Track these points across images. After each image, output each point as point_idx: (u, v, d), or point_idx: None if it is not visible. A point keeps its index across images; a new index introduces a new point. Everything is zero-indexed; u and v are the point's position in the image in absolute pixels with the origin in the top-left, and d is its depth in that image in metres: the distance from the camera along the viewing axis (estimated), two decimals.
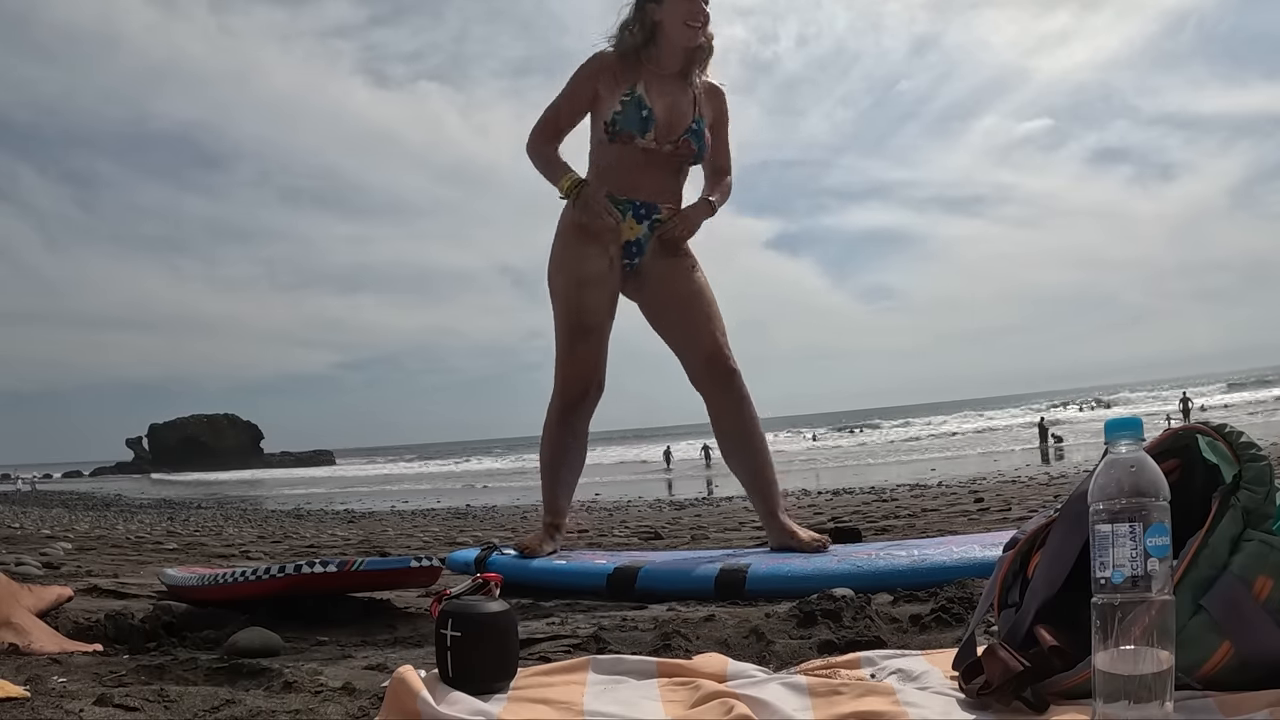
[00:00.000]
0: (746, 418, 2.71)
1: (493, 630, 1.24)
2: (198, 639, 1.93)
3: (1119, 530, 0.94)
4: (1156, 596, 0.92)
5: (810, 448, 37.57)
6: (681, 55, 2.70)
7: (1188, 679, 1.00)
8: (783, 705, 1.10)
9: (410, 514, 12.63)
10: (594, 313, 2.72)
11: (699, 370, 2.73)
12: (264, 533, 7.87)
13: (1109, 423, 1.00)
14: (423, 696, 1.10)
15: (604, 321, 2.75)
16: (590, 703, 1.15)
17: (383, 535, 6.93)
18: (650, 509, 10.03)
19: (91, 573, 3.45)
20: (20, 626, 1.72)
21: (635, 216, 2.72)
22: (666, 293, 2.76)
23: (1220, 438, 1.09)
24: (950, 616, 1.75)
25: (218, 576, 2.41)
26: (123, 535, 6.85)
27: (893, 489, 10.36)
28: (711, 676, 1.25)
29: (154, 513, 14.90)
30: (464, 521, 9.33)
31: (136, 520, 11.30)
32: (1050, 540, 1.20)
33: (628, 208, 2.71)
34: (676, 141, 2.67)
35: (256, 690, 1.40)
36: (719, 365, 2.70)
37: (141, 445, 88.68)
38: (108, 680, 1.43)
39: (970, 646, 1.18)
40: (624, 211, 2.71)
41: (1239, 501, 1.02)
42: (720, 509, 8.78)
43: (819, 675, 1.23)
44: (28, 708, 1.25)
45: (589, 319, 2.72)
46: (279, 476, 48.07)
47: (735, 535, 4.78)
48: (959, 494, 7.77)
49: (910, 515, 5.24)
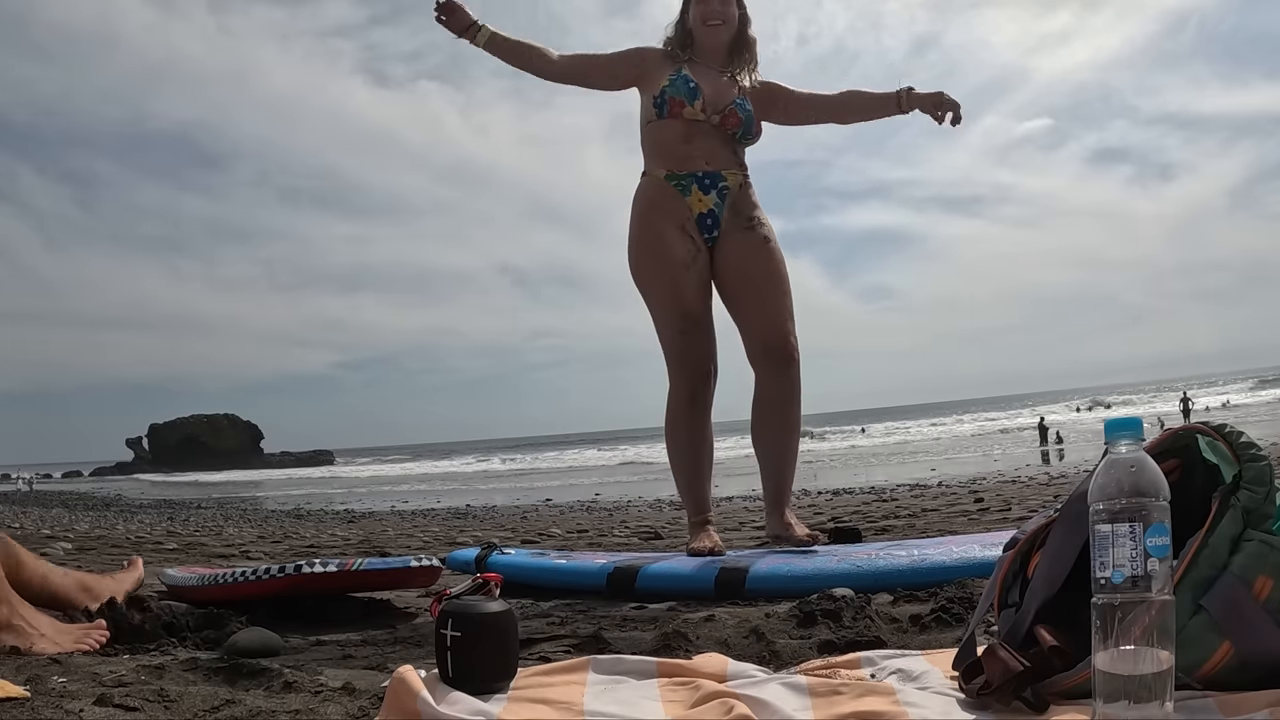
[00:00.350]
0: (793, 406, 2.71)
1: (493, 630, 1.24)
2: (198, 639, 1.93)
3: (1119, 530, 0.94)
4: (1156, 596, 0.92)
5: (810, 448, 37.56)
6: (721, 53, 2.81)
7: (1188, 679, 1.00)
8: (783, 705, 1.10)
9: (410, 514, 12.63)
10: (695, 298, 2.71)
11: (761, 351, 2.71)
12: (264, 533, 7.87)
13: (1109, 423, 1.00)
14: (423, 696, 1.10)
15: (707, 305, 2.74)
16: (590, 703, 1.15)
17: (383, 535, 6.93)
18: (650, 509, 10.03)
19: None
20: (21, 628, 1.72)
21: (701, 188, 2.71)
22: (745, 269, 2.74)
23: (1220, 438, 1.09)
24: (950, 616, 1.75)
25: (218, 576, 2.41)
26: (123, 535, 6.85)
27: (893, 489, 10.36)
28: (711, 676, 1.25)
29: (154, 513, 14.90)
30: (464, 521, 9.33)
31: (136, 520, 11.30)
32: (1050, 540, 1.20)
33: (690, 180, 2.70)
34: (724, 111, 2.70)
35: (256, 690, 1.40)
36: (783, 351, 2.69)
37: (141, 445, 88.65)
38: (108, 680, 1.43)
39: (970, 646, 1.18)
40: (688, 185, 2.70)
41: (1239, 501, 1.02)
42: (720, 509, 8.78)
43: (819, 675, 1.23)
44: (28, 708, 1.25)
45: (691, 306, 2.70)
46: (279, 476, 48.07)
47: (735, 535, 4.78)
48: (959, 494, 7.77)
49: (910, 515, 5.24)
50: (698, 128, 2.69)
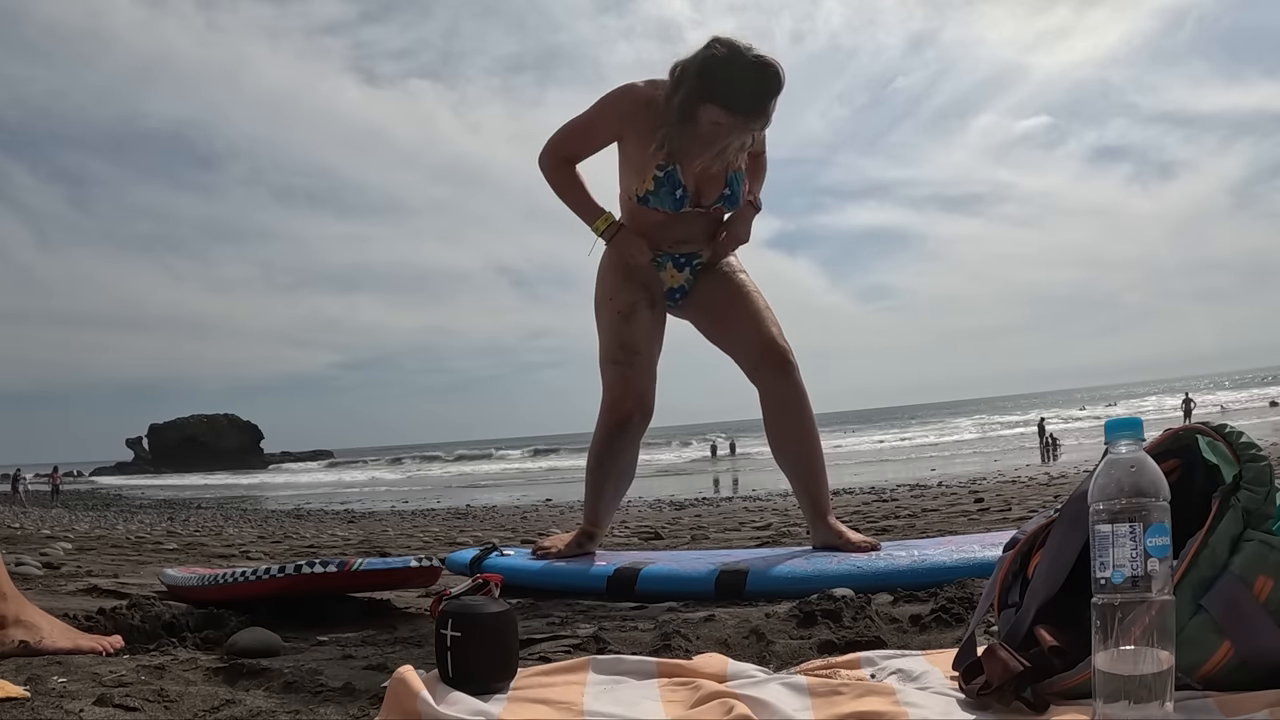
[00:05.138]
0: (804, 411, 2.68)
1: (493, 630, 1.24)
2: (198, 639, 1.93)
3: (1119, 530, 0.94)
4: (1156, 596, 0.92)
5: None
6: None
7: (1188, 679, 1.00)
8: (783, 705, 1.10)
9: (410, 514, 12.64)
10: (638, 339, 2.70)
11: (756, 362, 2.69)
12: (264, 533, 7.87)
13: (1109, 423, 1.00)
14: (423, 696, 1.10)
15: (648, 347, 2.73)
16: (590, 703, 1.15)
17: (383, 535, 6.93)
18: (650, 509, 10.03)
19: (91, 573, 3.45)
20: (30, 623, 1.72)
21: (676, 266, 2.72)
22: (713, 301, 2.74)
23: (1220, 438, 1.09)
24: (950, 616, 1.75)
25: (218, 576, 2.41)
26: (123, 535, 6.86)
27: (893, 489, 10.37)
28: (711, 676, 1.25)
29: (154, 513, 14.91)
30: (464, 521, 9.34)
31: (136, 520, 11.31)
32: (1050, 540, 1.20)
33: (666, 259, 2.71)
34: (709, 208, 2.66)
35: (256, 690, 1.40)
36: (777, 355, 2.67)
37: (141, 445, 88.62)
38: (108, 680, 1.43)
39: (970, 646, 1.19)
40: (663, 263, 2.71)
41: (1239, 501, 1.02)
42: (720, 509, 8.79)
43: (819, 675, 1.23)
44: (28, 708, 1.25)
45: (633, 344, 2.70)
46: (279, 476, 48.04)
47: (735, 535, 4.79)
48: (959, 494, 7.78)
49: (910, 515, 5.25)
50: (681, 217, 2.64)
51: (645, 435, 2.78)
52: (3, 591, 1.72)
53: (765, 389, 2.68)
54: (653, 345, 2.75)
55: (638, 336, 2.70)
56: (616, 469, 2.77)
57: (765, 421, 2.70)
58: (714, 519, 6.78)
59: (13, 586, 1.76)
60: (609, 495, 2.80)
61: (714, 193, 2.63)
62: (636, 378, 2.71)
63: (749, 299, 2.73)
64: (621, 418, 2.71)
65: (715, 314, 2.76)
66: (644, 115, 2.52)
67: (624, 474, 2.81)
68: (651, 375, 2.76)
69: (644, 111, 2.52)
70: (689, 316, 2.81)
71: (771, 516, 6.34)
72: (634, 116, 2.55)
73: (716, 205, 2.65)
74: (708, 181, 2.60)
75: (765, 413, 2.69)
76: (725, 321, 2.74)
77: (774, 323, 2.71)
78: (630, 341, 2.70)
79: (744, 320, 2.71)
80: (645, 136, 2.53)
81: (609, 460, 2.74)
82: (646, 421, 2.75)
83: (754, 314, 2.71)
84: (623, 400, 2.70)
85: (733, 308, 2.73)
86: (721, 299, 2.74)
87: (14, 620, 1.71)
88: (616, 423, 2.72)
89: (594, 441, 2.77)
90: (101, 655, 1.70)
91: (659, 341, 2.77)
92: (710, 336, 2.79)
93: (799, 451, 2.68)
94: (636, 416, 2.72)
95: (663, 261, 2.71)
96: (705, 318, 2.78)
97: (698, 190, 2.61)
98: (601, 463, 2.76)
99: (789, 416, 2.67)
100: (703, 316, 2.79)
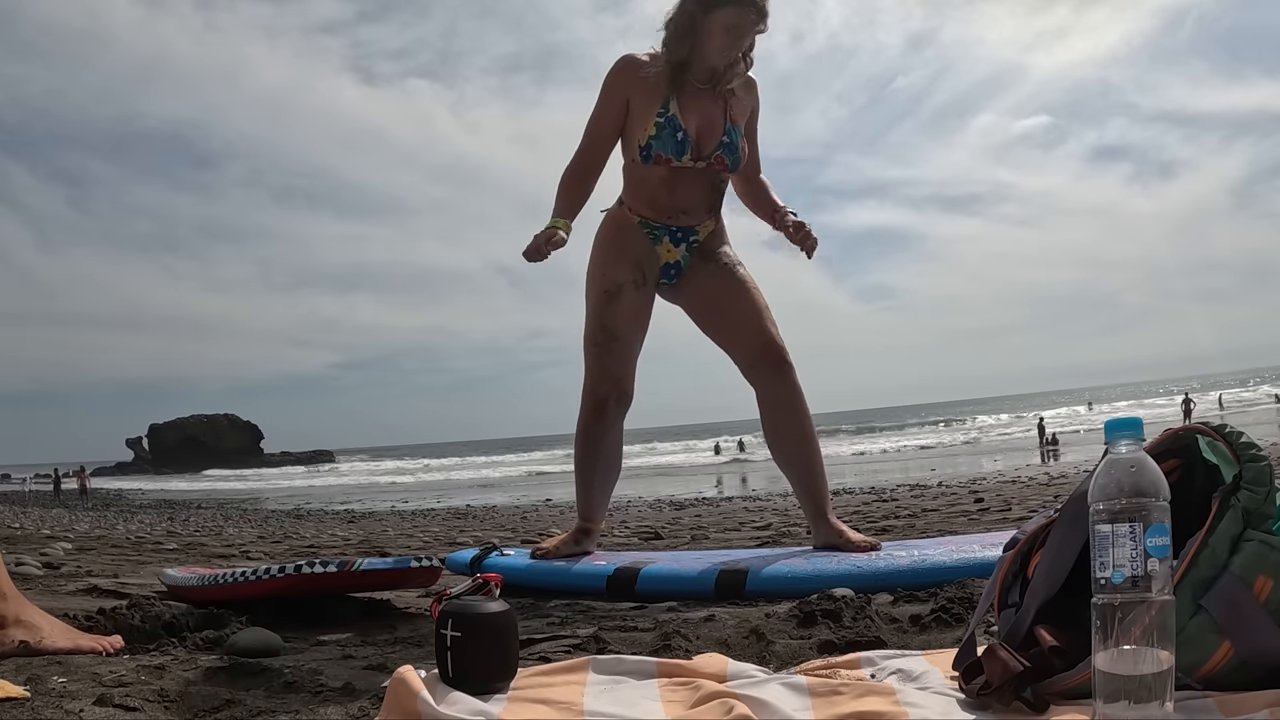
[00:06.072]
0: (801, 411, 2.68)
1: (492, 630, 1.24)
2: (198, 639, 1.93)
3: (1119, 530, 0.94)
4: (1156, 596, 0.92)
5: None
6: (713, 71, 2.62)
7: (1188, 679, 1.00)
8: (783, 705, 1.10)
9: (410, 514, 12.64)
10: (619, 324, 2.71)
11: (752, 361, 2.70)
12: (264, 533, 7.87)
13: (1109, 423, 1.00)
14: (423, 696, 1.10)
15: (629, 333, 2.74)
16: (590, 703, 1.15)
17: (383, 535, 6.93)
18: (650, 509, 10.03)
19: (91, 573, 3.45)
20: (30, 623, 1.72)
21: (672, 240, 2.72)
22: (711, 290, 2.74)
23: (1220, 438, 1.09)
24: (950, 616, 1.75)
25: (218, 576, 2.41)
26: (123, 535, 6.85)
27: (893, 489, 10.36)
28: (711, 676, 1.25)
29: (154, 513, 14.91)
30: (464, 521, 9.34)
31: (136, 520, 11.31)
32: (1050, 540, 1.20)
33: (663, 233, 2.71)
34: (710, 158, 2.66)
35: (256, 690, 1.40)
36: (773, 355, 2.67)
37: (141, 445, 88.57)
38: (108, 680, 1.43)
39: (970, 646, 1.19)
40: (659, 236, 2.71)
41: (1239, 501, 1.02)
42: (720, 509, 8.79)
43: (819, 675, 1.23)
44: (28, 708, 1.25)
45: (614, 328, 2.71)
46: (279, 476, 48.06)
47: (735, 535, 4.79)
48: (959, 494, 7.78)
49: (910, 515, 5.24)
50: (682, 174, 2.65)
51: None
52: (3, 591, 1.72)
53: (762, 388, 2.69)
54: (636, 329, 2.76)
55: (620, 320, 2.71)
56: (600, 456, 2.79)
57: (763, 422, 2.71)
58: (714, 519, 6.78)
59: (13, 586, 1.76)
60: (598, 486, 2.82)
61: (713, 140, 2.65)
62: (613, 363, 2.73)
63: (750, 295, 2.73)
64: (597, 402, 2.74)
65: (714, 306, 2.76)
66: (644, 74, 2.62)
67: (610, 462, 2.83)
68: (631, 360, 2.78)
69: (644, 69, 2.63)
70: (683, 303, 2.80)
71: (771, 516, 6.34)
72: (634, 77, 2.64)
73: (716, 153, 2.65)
74: (706, 129, 2.64)
75: (763, 413, 2.70)
76: (725, 315, 2.74)
77: (773, 321, 2.72)
78: (611, 325, 2.71)
79: (744, 315, 2.71)
80: (647, 94, 2.62)
81: (591, 447, 2.77)
82: (624, 406, 2.78)
83: (754, 311, 2.71)
84: (599, 384, 2.74)
85: (733, 302, 2.73)
86: (721, 291, 2.74)
87: (14, 620, 1.71)
88: (592, 407, 2.75)
89: (576, 431, 2.80)
90: (101, 655, 1.70)
91: (644, 325, 2.78)
92: (705, 327, 2.80)
93: (798, 452, 2.69)
94: (612, 400, 2.74)
95: (659, 235, 2.71)
96: (703, 307, 2.78)
97: (698, 137, 2.63)
98: (585, 451, 2.78)
99: (788, 417, 2.68)
100: (700, 306, 2.78)
